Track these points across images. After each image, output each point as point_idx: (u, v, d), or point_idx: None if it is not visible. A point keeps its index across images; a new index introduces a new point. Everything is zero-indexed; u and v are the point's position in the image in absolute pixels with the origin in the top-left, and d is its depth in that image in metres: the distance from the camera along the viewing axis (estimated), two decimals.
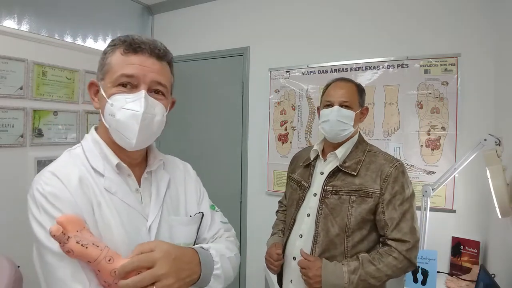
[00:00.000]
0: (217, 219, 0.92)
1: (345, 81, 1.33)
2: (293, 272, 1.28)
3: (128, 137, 0.72)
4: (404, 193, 1.19)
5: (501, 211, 1.24)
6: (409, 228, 1.16)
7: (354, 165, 1.24)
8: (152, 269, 0.63)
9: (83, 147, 0.78)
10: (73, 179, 0.70)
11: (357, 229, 1.19)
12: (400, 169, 1.21)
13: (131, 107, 0.71)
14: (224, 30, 2.62)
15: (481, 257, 1.71)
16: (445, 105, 1.86)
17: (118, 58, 0.73)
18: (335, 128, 1.26)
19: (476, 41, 1.79)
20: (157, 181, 0.83)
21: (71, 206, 0.67)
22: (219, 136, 2.67)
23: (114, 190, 0.74)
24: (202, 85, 2.75)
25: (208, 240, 0.88)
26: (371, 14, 2.07)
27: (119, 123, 0.72)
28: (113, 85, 0.73)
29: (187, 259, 0.70)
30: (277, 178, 2.37)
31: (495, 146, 1.36)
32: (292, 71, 2.32)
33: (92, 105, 0.81)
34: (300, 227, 1.30)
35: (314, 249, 1.22)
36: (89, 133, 0.81)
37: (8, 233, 1.91)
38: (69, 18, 2.33)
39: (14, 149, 1.99)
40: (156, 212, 0.78)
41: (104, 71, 0.75)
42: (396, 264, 1.13)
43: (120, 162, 0.76)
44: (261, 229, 2.39)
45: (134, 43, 0.73)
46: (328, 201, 1.23)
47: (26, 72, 2.03)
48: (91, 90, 0.79)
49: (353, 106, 1.27)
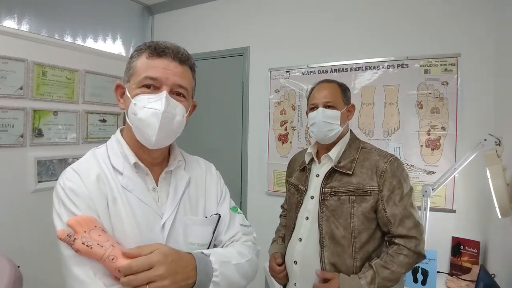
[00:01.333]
0: (237, 221, 0.91)
1: (327, 82, 1.35)
2: (296, 275, 1.28)
3: (148, 134, 0.75)
4: (402, 187, 1.18)
5: (501, 211, 1.24)
6: (413, 223, 1.16)
7: (349, 164, 1.24)
8: (149, 270, 0.65)
9: (107, 147, 0.83)
10: (92, 175, 0.75)
11: (364, 229, 1.19)
12: (395, 164, 1.20)
13: (153, 106, 0.75)
14: (224, 30, 2.62)
15: (481, 257, 1.71)
16: (445, 105, 1.86)
17: (143, 61, 0.78)
18: (322, 130, 1.26)
19: (476, 41, 1.79)
20: (176, 181, 0.85)
21: (87, 200, 0.72)
22: (219, 136, 2.67)
23: (131, 188, 0.77)
24: (202, 85, 2.73)
25: (225, 242, 0.87)
26: (371, 14, 2.07)
27: (141, 121, 0.75)
28: (137, 86, 0.77)
29: (183, 263, 0.71)
30: (277, 178, 2.37)
31: (495, 146, 1.36)
32: (292, 71, 2.32)
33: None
34: (299, 231, 1.30)
35: (323, 253, 1.20)
36: (115, 133, 0.86)
37: (8, 233, 1.91)
38: (69, 18, 2.33)
39: (14, 149, 1.99)
40: (171, 211, 0.80)
41: (129, 74, 0.80)
42: (408, 261, 1.14)
43: (137, 161, 0.80)
44: (261, 229, 2.38)
45: (158, 47, 0.78)
46: (328, 203, 1.23)
47: (26, 72, 2.02)
48: (117, 92, 0.83)
49: (337, 105, 1.28)
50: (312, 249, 1.23)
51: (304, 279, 1.25)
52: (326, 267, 1.19)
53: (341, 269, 1.18)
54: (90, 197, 0.72)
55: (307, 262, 1.24)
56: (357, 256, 1.18)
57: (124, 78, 0.82)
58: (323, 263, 1.20)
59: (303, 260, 1.26)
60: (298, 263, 1.27)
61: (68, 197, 0.72)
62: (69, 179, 0.74)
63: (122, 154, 0.81)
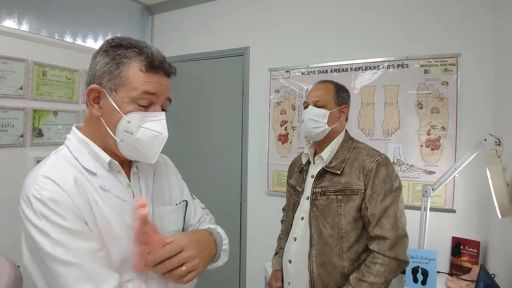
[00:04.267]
0: (198, 205, 1.00)
1: (323, 82, 1.38)
2: (290, 274, 1.29)
3: (147, 155, 0.77)
4: (385, 187, 1.17)
5: (501, 211, 1.24)
6: (391, 224, 1.14)
7: (339, 164, 1.25)
8: (180, 253, 0.72)
9: (69, 148, 0.77)
10: (69, 180, 0.70)
11: (351, 229, 1.19)
12: (382, 163, 1.20)
13: (154, 128, 0.74)
14: (224, 30, 2.62)
15: (481, 257, 1.71)
16: (445, 105, 1.86)
17: (138, 74, 0.73)
18: (308, 126, 1.31)
19: (476, 41, 1.79)
20: (144, 175, 0.86)
21: (72, 208, 0.67)
22: (219, 136, 2.66)
23: (108, 188, 0.75)
24: (202, 85, 2.75)
25: (194, 225, 0.95)
26: (371, 14, 2.07)
27: (139, 141, 0.74)
28: (132, 101, 0.73)
29: (205, 240, 0.82)
30: (277, 178, 2.37)
31: (495, 146, 1.36)
32: (292, 71, 2.32)
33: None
34: (295, 231, 1.31)
35: (311, 251, 1.22)
36: (71, 133, 0.80)
37: (8, 233, 1.90)
38: (69, 18, 2.33)
39: (14, 149, 1.99)
40: (148, 205, 0.81)
41: (117, 83, 0.73)
42: (385, 269, 1.11)
43: (111, 159, 0.77)
44: (261, 229, 2.39)
45: (153, 61, 0.74)
46: (318, 203, 1.24)
47: (26, 72, 2.03)
48: (91, 96, 0.75)
49: (327, 105, 1.30)
50: (304, 249, 1.25)
51: (297, 278, 1.26)
52: (313, 265, 1.20)
53: (328, 268, 1.19)
54: (75, 205, 0.67)
55: (300, 261, 1.26)
56: (344, 256, 1.18)
57: (103, 82, 0.74)
58: (311, 262, 1.21)
59: (297, 259, 1.27)
60: (292, 262, 1.28)
61: (50, 208, 0.64)
62: (45, 188, 0.66)
63: (90, 154, 0.76)
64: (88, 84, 0.76)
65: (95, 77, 0.75)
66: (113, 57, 0.74)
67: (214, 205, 2.66)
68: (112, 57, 0.74)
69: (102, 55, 0.75)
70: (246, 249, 2.48)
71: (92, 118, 0.77)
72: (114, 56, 0.74)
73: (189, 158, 2.69)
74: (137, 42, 0.76)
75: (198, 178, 2.70)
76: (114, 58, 0.74)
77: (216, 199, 2.62)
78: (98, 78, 0.74)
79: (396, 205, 1.18)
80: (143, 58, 0.74)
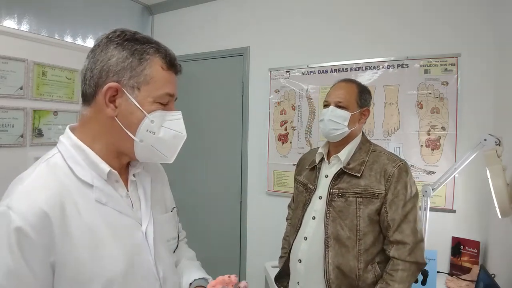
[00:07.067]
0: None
1: (346, 81, 1.34)
2: (299, 274, 1.28)
3: (166, 155, 0.74)
4: (406, 193, 1.18)
5: (501, 211, 1.24)
6: (411, 230, 1.16)
7: (358, 167, 1.24)
8: None
9: (62, 155, 0.69)
10: (56, 206, 0.61)
11: (369, 231, 1.19)
12: (403, 169, 1.20)
13: (173, 127, 0.73)
14: (224, 30, 2.62)
15: (481, 257, 1.71)
16: (445, 105, 1.86)
17: (160, 73, 0.70)
18: (327, 127, 1.27)
19: (476, 41, 1.79)
20: (142, 183, 0.80)
21: (47, 250, 0.59)
22: (219, 136, 2.66)
23: (105, 201, 0.68)
24: (202, 85, 2.75)
25: (180, 230, 0.95)
26: (371, 14, 2.07)
27: (160, 141, 0.71)
28: (155, 100, 0.70)
29: None
30: (277, 178, 2.37)
31: (495, 146, 1.36)
32: (292, 71, 2.32)
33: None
34: (305, 230, 1.30)
35: (327, 253, 1.21)
36: (64, 136, 0.71)
37: None
38: (69, 18, 2.33)
39: (14, 149, 1.99)
40: (148, 216, 0.76)
41: (141, 81, 0.68)
42: (408, 274, 1.13)
43: (111, 170, 0.70)
44: (261, 229, 2.39)
45: (172, 59, 0.72)
46: (335, 204, 1.23)
47: (26, 72, 2.03)
48: (108, 94, 0.67)
49: (349, 106, 1.27)
50: (317, 249, 1.23)
51: (308, 278, 1.25)
52: (329, 267, 1.19)
53: (344, 270, 1.18)
54: (52, 244, 0.60)
55: (311, 262, 1.25)
56: (361, 258, 1.18)
57: (125, 80, 0.67)
58: (327, 263, 1.20)
59: (308, 259, 1.26)
60: (302, 261, 1.27)
61: (19, 244, 0.57)
62: (21, 213, 0.58)
63: (86, 162, 0.68)
64: (97, 79, 0.67)
65: (110, 72, 0.67)
66: (132, 52, 0.67)
67: (214, 205, 2.66)
68: (131, 52, 0.67)
69: (116, 48, 0.67)
70: (246, 249, 2.47)
71: (95, 119, 0.69)
72: (133, 51, 0.67)
73: (189, 158, 2.69)
74: (149, 37, 0.72)
75: (198, 178, 2.70)
76: (133, 54, 0.67)
77: (216, 199, 2.62)
78: (115, 74, 0.67)
79: (415, 210, 1.20)
80: (163, 56, 0.71)
